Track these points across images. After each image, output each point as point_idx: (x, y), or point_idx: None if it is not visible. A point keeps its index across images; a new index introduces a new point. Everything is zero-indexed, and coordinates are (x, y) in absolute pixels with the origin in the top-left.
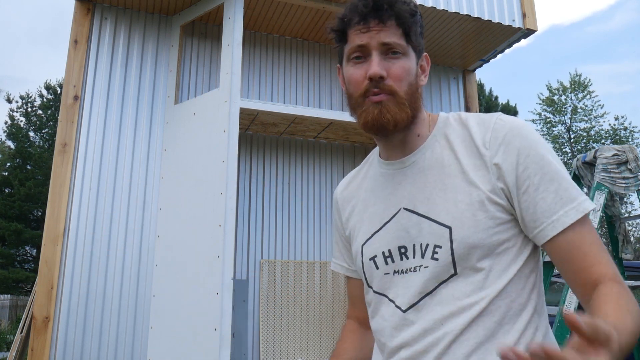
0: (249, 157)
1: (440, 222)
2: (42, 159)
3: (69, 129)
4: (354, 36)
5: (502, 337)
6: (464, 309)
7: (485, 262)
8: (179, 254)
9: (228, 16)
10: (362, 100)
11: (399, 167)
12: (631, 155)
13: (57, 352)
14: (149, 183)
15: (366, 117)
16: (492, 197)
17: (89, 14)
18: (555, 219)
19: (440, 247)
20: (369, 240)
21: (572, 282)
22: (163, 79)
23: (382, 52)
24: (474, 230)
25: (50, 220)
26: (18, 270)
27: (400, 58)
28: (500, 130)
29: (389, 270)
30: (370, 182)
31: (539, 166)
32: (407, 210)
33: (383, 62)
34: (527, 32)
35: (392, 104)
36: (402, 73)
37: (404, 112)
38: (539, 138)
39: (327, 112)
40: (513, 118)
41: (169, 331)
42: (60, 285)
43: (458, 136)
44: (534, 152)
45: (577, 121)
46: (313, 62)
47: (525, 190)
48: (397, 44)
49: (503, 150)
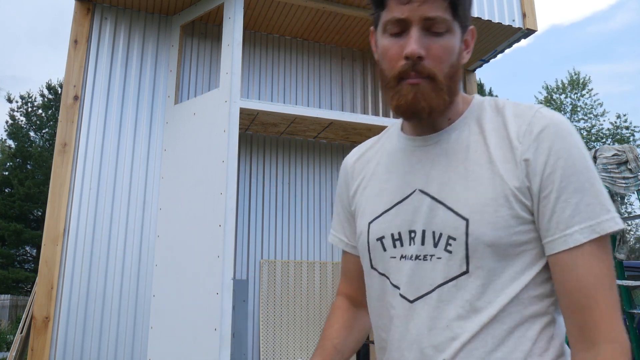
0: (249, 157)
1: (457, 212)
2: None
3: (69, 129)
4: (392, 5)
5: (512, 345)
6: (473, 312)
7: (500, 263)
8: (179, 254)
9: (228, 16)
10: (396, 82)
11: (420, 144)
12: (631, 155)
13: (57, 352)
14: (149, 183)
15: (399, 100)
16: (517, 195)
17: (89, 14)
18: (567, 233)
19: (455, 240)
20: (377, 219)
21: (565, 315)
22: (163, 79)
23: (423, 27)
24: (492, 227)
25: (50, 220)
26: (18, 270)
27: (443, 35)
28: (537, 125)
29: (395, 254)
30: (386, 156)
31: (567, 172)
32: (422, 193)
33: (423, 39)
34: (527, 32)
35: (429, 89)
36: (443, 53)
37: (441, 98)
38: (576, 141)
39: (327, 112)
40: (554, 113)
41: (169, 331)
42: (60, 285)
43: (491, 123)
44: (566, 156)
45: (576, 120)
46: (313, 62)
47: (547, 195)
48: (442, 19)
49: (535, 147)
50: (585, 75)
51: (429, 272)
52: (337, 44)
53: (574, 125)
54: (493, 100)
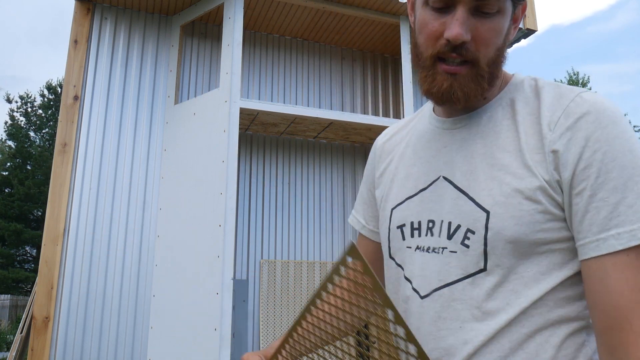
0: (249, 157)
1: (478, 202)
2: (42, 159)
3: (69, 129)
4: None
5: (533, 351)
6: (489, 315)
7: (523, 261)
8: (179, 254)
9: (228, 16)
10: (431, 62)
11: (448, 126)
12: None
13: (57, 352)
14: (149, 183)
15: (431, 85)
16: (547, 189)
17: (89, 14)
18: (602, 237)
19: (474, 233)
20: (400, 205)
21: (595, 332)
22: (163, 79)
23: (472, 7)
24: (515, 222)
25: (50, 220)
26: (18, 270)
27: (493, 17)
28: (574, 112)
29: (411, 245)
30: (415, 138)
31: (607, 167)
32: (446, 180)
33: (470, 20)
34: (527, 32)
35: (468, 78)
36: (491, 37)
37: (480, 87)
38: (622, 131)
39: (327, 112)
40: (598, 98)
41: (169, 331)
42: (60, 285)
43: (526, 106)
44: (607, 148)
45: None
46: (313, 62)
47: (580, 192)
48: (493, 1)
49: (569, 137)
50: (584, 75)
51: (442, 266)
52: (337, 44)
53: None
54: (534, 80)
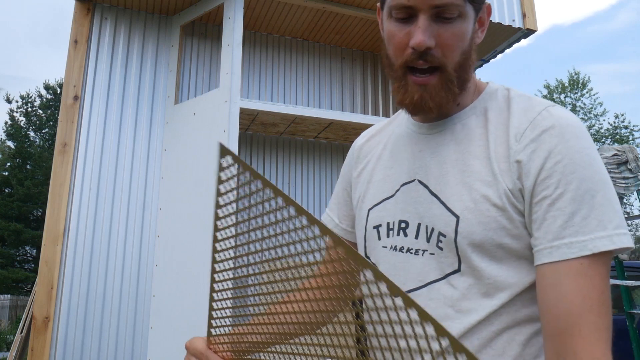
0: (249, 157)
1: (449, 207)
2: (42, 159)
3: (69, 129)
4: None
5: (500, 347)
6: (462, 313)
7: (493, 264)
8: (179, 254)
9: (228, 16)
10: (402, 72)
11: (424, 131)
12: (631, 155)
13: (57, 352)
14: (149, 183)
15: (403, 97)
16: (510, 197)
17: (89, 14)
18: (555, 245)
19: (445, 237)
20: (377, 205)
21: (544, 338)
22: (163, 79)
23: (433, 14)
24: (483, 227)
25: (50, 220)
26: (18, 270)
27: (454, 21)
28: (540, 125)
29: (387, 244)
30: (393, 141)
31: (567, 179)
32: (421, 184)
33: (432, 27)
34: (527, 32)
35: (438, 86)
36: (454, 41)
37: (450, 92)
38: (584, 146)
39: (327, 112)
40: (563, 113)
41: (169, 331)
42: (60, 285)
43: (498, 115)
44: (568, 161)
45: None
46: (313, 62)
47: (540, 201)
48: (452, 5)
49: (533, 149)
50: (585, 75)
51: (420, 267)
52: (337, 44)
53: None
54: (507, 90)
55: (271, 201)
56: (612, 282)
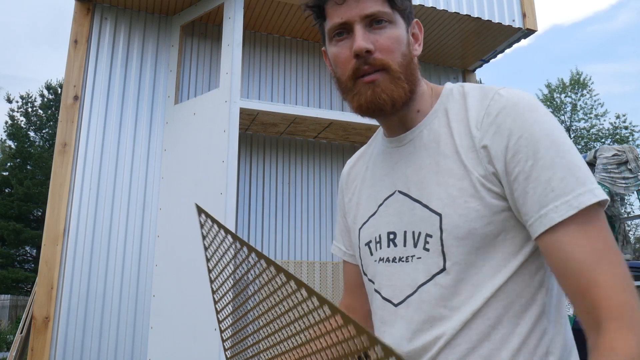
0: (249, 157)
1: (431, 208)
2: (42, 159)
3: (69, 129)
4: (331, 11)
5: (498, 341)
6: (455, 310)
7: (479, 256)
8: (179, 254)
9: (228, 16)
10: (352, 82)
11: (396, 145)
12: (631, 155)
13: (57, 352)
14: (149, 183)
15: (359, 100)
16: (485, 183)
17: (89, 14)
18: (543, 213)
19: (431, 237)
20: (365, 224)
21: (571, 299)
22: (163, 79)
23: (366, 24)
24: (465, 219)
25: (50, 220)
26: (18, 270)
27: (386, 27)
28: (494, 108)
29: (376, 257)
30: (372, 161)
31: (532, 150)
32: (402, 194)
33: (368, 35)
34: (527, 32)
35: (386, 82)
36: (391, 43)
37: (400, 87)
38: (539, 116)
39: (327, 112)
40: (513, 92)
41: (169, 331)
42: (60, 285)
43: (457, 112)
44: (528, 134)
45: (576, 120)
46: (313, 62)
47: (516, 178)
48: (381, 12)
49: (493, 132)
50: (586, 75)
51: (411, 273)
52: None
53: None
54: (461, 87)
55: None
56: None
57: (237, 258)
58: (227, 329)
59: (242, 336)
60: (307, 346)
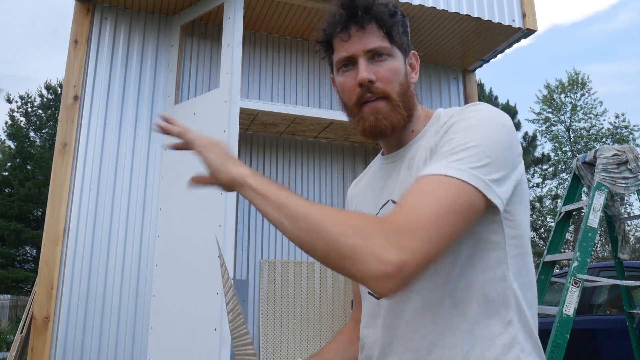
0: (249, 157)
1: None
2: (42, 159)
3: (69, 129)
4: (338, 46)
5: (457, 321)
6: (428, 306)
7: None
8: (179, 254)
9: (228, 16)
10: (357, 109)
11: (391, 161)
12: (631, 155)
13: (57, 352)
14: (149, 183)
15: (363, 125)
16: None
17: (89, 14)
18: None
19: None
20: None
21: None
22: (163, 79)
23: (368, 57)
24: None
25: (50, 220)
26: (18, 270)
27: (386, 60)
28: (455, 117)
29: None
30: (370, 178)
31: (455, 129)
32: (393, 202)
33: (371, 67)
34: (527, 32)
35: (387, 109)
36: (390, 74)
37: (399, 114)
38: (481, 112)
39: (327, 112)
40: (478, 106)
41: (169, 331)
42: (60, 285)
43: (437, 130)
44: (457, 126)
45: (576, 120)
46: (313, 62)
47: (432, 155)
48: (381, 47)
49: (444, 132)
50: (584, 75)
51: None
52: None
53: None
54: (450, 110)
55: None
56: (612, 282)
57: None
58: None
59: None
60: None
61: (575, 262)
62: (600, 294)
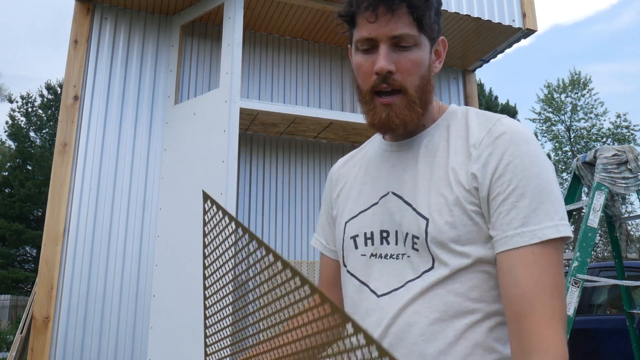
0: (249, 157)
1: (420, 212)
2: (42, 159)
3: (69, 129)
4: (361, 25)
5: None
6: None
7: (463, 260)
8: (179, 254)
9: (228, 16)
10: (370, 97)
11: (395, 149)
12: (631, 155)
13: (57, 352)
14: (149, 183)
15: (373, 117)
16: (468, 197)
17: (89, 14)
18: (509, 235)
19: (418, 239)
20: (353, 218)
21: (508, 320)
22: (163, 79)
23: (392, 44)
24: (449, 226)
25: (50, 220)
26: (18, 270)
27: (410, 49)
28: (495, 131)
29: (366, 252)
30: (366, 161)
31: (517, 177)
32: (395, 195)
33: (392, 55)
34: (527, 32)
35: (401, 106)
36: (412, 67)
37: (413, 112)
38: (532, 149)
39: (327, 112)
40: (513, 122)
41: (169, 331)
42: (60, 285)
43: (457, 130)
44: (518, 161)
45: (577, 120)
46: (313, 62)
47: (495, 197)
48: (408, 36)
49: (489, 153)
50: (586, 75)
51: (400, 270)
52: (337, 44)
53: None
54: (466, 108)
55: (256, 252)
56: (612, 282)
57: (238, 245)
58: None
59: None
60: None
61: (575, 262)
62: (600, 294)
